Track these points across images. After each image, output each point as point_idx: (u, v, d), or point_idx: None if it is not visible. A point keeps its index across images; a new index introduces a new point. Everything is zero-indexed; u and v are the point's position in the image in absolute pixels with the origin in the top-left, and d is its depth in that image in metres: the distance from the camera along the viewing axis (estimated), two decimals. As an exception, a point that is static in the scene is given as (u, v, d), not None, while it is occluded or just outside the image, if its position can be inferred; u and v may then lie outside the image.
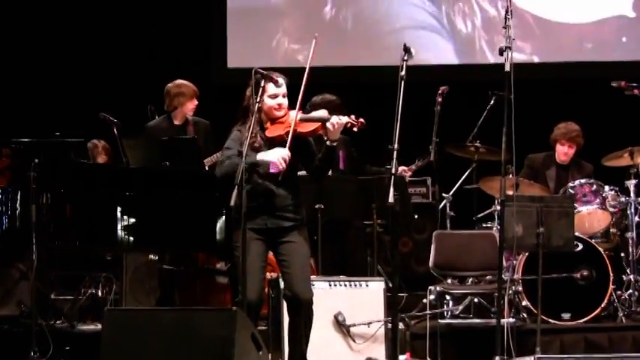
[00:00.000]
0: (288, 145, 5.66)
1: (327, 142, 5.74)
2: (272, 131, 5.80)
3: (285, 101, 5.85)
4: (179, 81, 8.06)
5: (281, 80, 5.83)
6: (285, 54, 10.30)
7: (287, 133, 5.71)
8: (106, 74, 10.10)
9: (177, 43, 10.25)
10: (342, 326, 6.72)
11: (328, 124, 5.70)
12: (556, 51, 10.33)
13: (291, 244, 5.80)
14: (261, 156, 5.70)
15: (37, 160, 6.54)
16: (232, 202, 5.46)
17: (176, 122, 8.07)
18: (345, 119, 5.71)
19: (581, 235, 7.47)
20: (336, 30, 10.34)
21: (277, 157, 5.63)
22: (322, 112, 5.86)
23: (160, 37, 10.26)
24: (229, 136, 5.90)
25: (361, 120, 5.76)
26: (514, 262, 7.49)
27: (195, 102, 8.02)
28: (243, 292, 5.51)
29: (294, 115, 5.78)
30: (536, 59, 10.29)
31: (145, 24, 10.25)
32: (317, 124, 5.75)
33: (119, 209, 6.62)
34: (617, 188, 7.93)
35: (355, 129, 5.77)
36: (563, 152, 8.28)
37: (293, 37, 10.40)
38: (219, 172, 5.87)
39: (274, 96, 5.81)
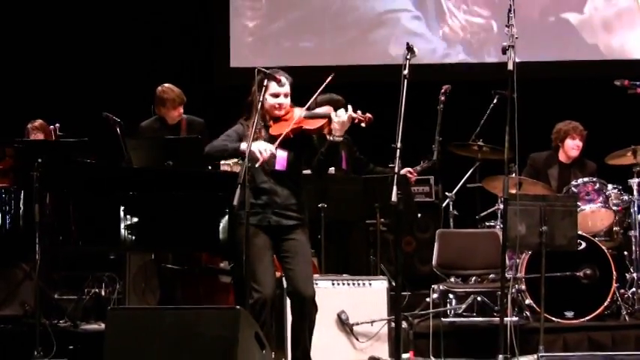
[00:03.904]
0: (279, 140, 5.66)
1: (331, 138, 5.72)
2: (276, 129, 5.79)
3: (286, 101, 5.84)
4: (165, 87, 8.00)
5: (284, 80, 5.83)
6: (289, 53, 10.27)
7: (292, 130, 5.73)
8: (109, 74, 10.09)
9: (180, 43, 10.25)
10: (345, 325, 6.72)
11: (335, 120, 5.68)
12: (559, 49, 10.32)
13: (294, 241, 5.81)
14: (244, 146, 5.69)
15: (39, 160, 6.55)
16: (235, 202, 5.49)
17: (169, 122, 8.06)
18: (351, 114, 5.68)
19: (584, 234, 7.47)
20: (340, 28, 10.33)
21: (256, 147, 5.62)
22: (327, 109, 5.85)
23: (163, 37, 10.25)
24: (232, 127, 5.91)
25: (368, 115, 5.72)
26: (517, 260, 7.49)
27: (180, 110, 7.98)
28: (248, 290, 5.55)
29: (299, 112, 5.78)
30: (539, 58, 10.28)
31: (147, 24, 10.24)
32: (323, 121, 5.74)
33: (122, 209, 6.61)
34: (620, 187, 7.93)
35: (363, 124, 5.73)
36: (576, 145, 8.26)
37: (297, 36, 10.39)
38: (206, 149, 5.90)
39: (276, 95, 5.81)
